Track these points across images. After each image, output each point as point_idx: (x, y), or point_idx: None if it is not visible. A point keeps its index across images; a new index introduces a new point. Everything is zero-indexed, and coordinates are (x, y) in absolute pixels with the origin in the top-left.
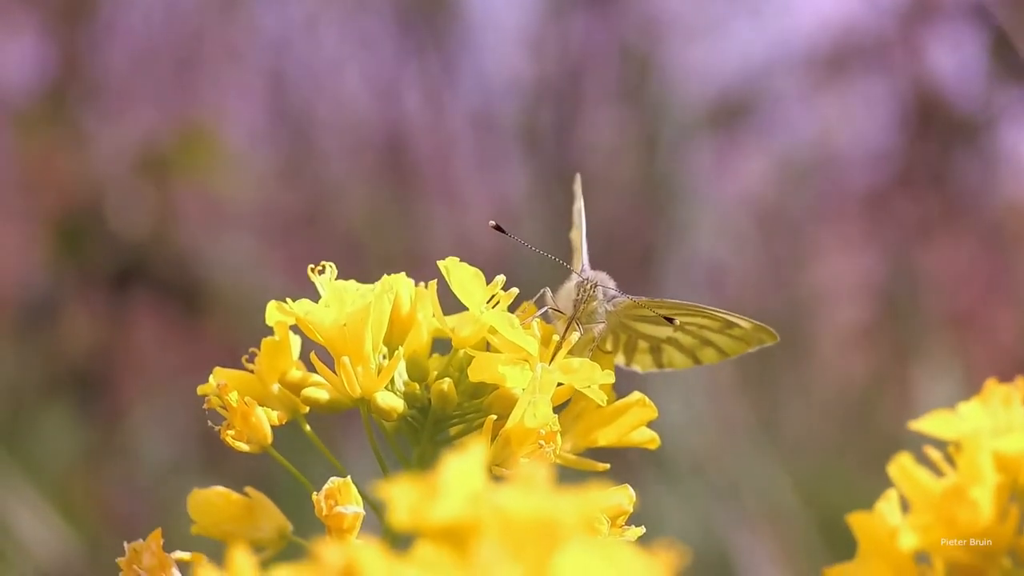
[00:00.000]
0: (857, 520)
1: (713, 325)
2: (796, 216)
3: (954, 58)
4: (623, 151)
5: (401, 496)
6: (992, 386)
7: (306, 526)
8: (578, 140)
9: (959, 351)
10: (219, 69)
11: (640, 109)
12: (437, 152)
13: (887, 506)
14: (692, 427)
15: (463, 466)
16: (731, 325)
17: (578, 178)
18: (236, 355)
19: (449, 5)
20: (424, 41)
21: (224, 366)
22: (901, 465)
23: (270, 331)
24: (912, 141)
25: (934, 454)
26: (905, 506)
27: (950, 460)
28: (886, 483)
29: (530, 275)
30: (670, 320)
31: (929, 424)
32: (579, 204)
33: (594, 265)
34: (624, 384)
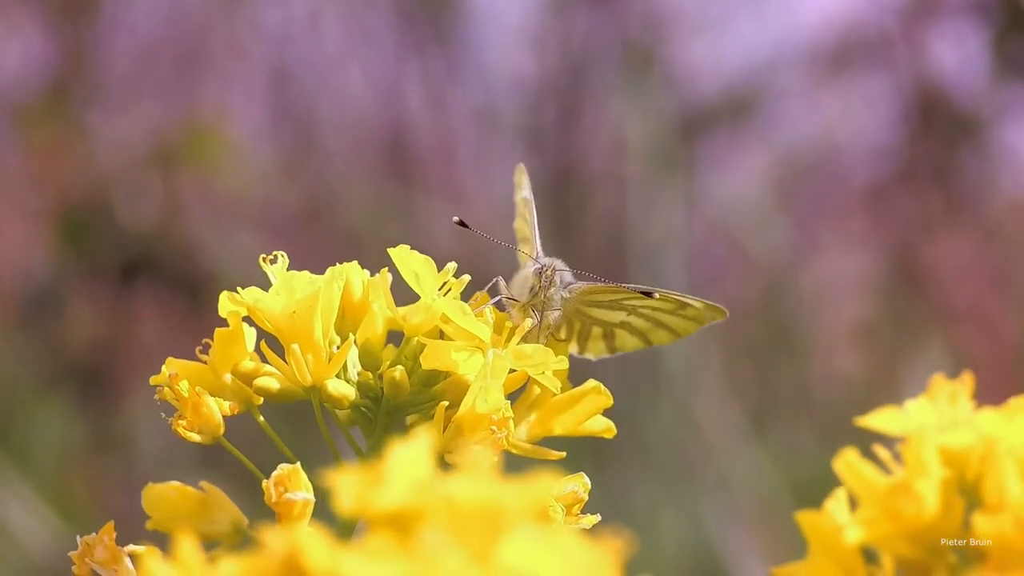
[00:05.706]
0: (805, 518)
1: (666, 307)
2: (797, 211)
3: (956, 54)
4: (624, 147)
5: (346, 484)
6: (939, 382)
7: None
8: (581, 136)
9: (960, 347)
10: (222, 65)
11: (642, 104)
12: (439, 148)
13: (835, 504)
14: (683, 425)
15: (409, 454)
16: (684, 306)
17: (521, 167)
18: None
19: (452, 2)
20: (426, 37)
21: None
22: (847, 460)
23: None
24: (914, 137)
25: (883, 452)
26: (854, 504)
27: (900, 459)
28: None
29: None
30: (648, 294)
31: (877, 420)
32: (525, 193)
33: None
34: (609, 382)
